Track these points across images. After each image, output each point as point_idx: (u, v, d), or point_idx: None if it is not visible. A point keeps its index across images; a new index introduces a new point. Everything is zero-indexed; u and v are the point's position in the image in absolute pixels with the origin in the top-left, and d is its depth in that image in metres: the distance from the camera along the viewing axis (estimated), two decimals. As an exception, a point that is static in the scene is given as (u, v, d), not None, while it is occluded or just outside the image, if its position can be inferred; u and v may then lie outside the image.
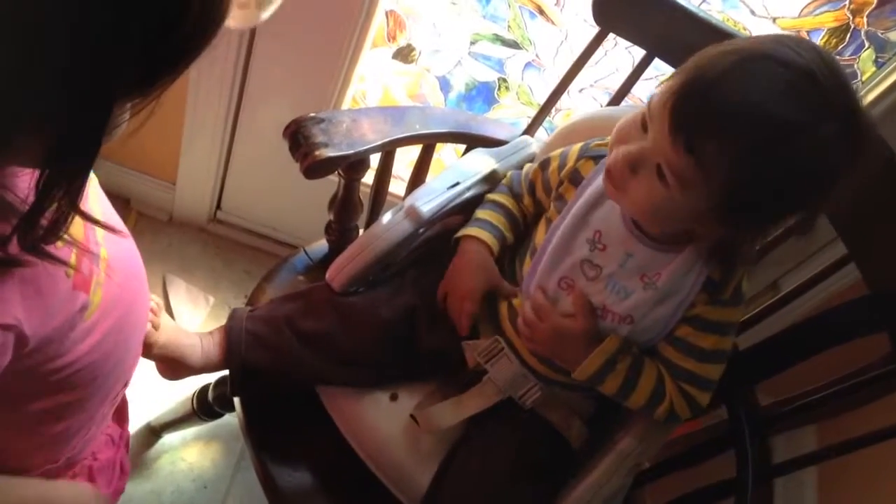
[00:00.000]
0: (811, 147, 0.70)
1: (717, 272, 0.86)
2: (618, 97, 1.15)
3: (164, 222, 1.75)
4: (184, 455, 1.46)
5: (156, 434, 1.45)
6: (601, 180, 0.86)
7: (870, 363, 0.92)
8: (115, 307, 0.72)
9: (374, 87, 1.58)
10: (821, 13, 1.31)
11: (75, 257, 0.64)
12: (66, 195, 0.51)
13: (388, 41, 1.50)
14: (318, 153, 0.96)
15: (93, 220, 0.59)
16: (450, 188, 1.05)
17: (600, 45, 1.09)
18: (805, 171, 0.71)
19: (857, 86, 1.32)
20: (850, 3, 1.28)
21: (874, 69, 1.32)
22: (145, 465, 1.42)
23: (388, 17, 1.46)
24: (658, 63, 1.08)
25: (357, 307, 1.00)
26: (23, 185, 0.53)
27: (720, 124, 0.70)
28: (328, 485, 1.00)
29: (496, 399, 0.95)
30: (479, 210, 1.02)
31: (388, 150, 1.12)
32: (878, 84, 1.25)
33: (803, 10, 1.31)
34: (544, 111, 1.17)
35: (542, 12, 1.42)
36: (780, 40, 0.73)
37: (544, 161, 1.00)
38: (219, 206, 1.72)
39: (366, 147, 1.01)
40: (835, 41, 1.33)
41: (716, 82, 0.71)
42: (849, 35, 1.32)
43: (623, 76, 1.13)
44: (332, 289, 1.01)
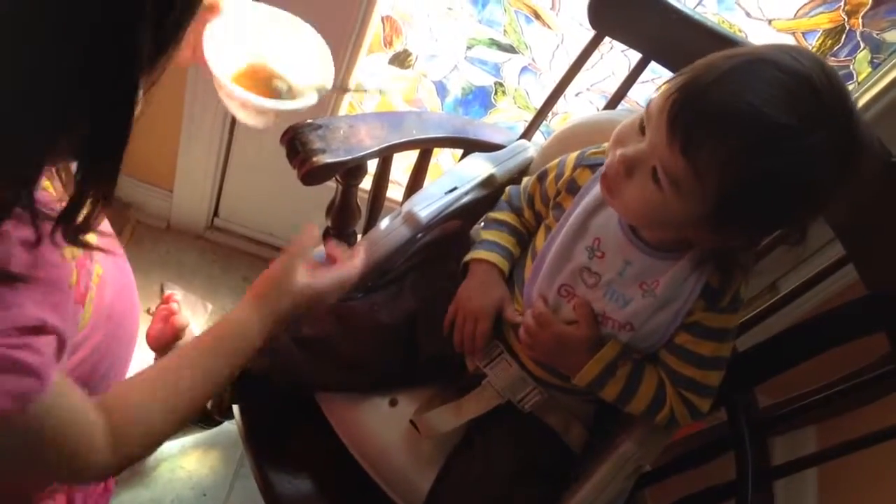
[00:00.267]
0: (806, 153, 0.69)
1: (716, 279, 0.86)
2: (614, 101, 1.15)
3: (161, 230, 1.75)
4: (183, 463, 1.45)
5: (155, 442, 1.45)
6: (599, 188, 0.87)
7: (869, 364, 0.92)
8: (104, 323, 0.73)
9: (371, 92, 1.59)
10: (816, 14, 1.31)
11: (76, 273, 0.64)
12: (103, 184, 0.53)
13: (385, 47, 1.51)
14: (315, 159, 0.96)
15: (92, 244, 0.60)
16: (447, 193, 1.06)
17: (596, 49, 1.10)
18: (798, 177, 0.71)
19: (852, 87, 1.33)
20: (846, 5, 1.28)
21: (870, 70, 1.32)
22: (144, 473, 1.42)
23: (384, 23, 1.46)
24: (654, 66, 1.08)
25: (356, 312, 1.00)
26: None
27: (715, 126, 0.70)
28: (328, 491, 1.00)
29: (496, 403, 0.95)
30: (484, 231, 1.02)
31: (385, 156, 1.12)
32: (873, 85, 1.25)
33: (798, 11, 1.31)
34: (541, 115, 1.18)
35: (538, 17, 1.43)
36: (780, 48, 0.73)
37: (541, 172, 1.00)
38: (216, 213, 1.72)
39: (363, 153, 1.01)
40: (830, 42, 1.33)
41: (713, 85, 0.71)
42: (844, 36, 1.32)
43: (619, 80, 1.13)
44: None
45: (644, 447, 0.93)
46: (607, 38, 1.09)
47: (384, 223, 1.04)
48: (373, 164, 1.11)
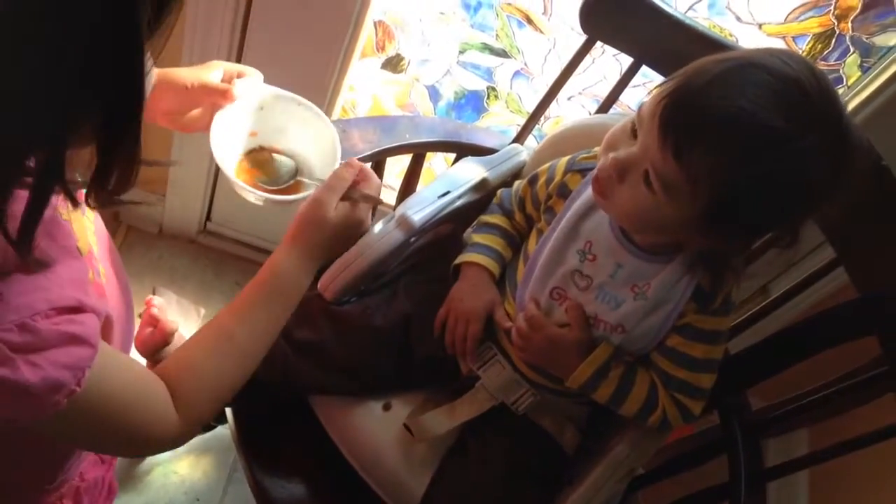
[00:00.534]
0: (797, 155, 0.70)
1: (707, 281, 0.86)
2: (606, 105, 1.15)
3: (153, 235, 1.75)
4: (176, 468, 1.45)
5: (148, 447, 1.45)
6: (590, 191, 0.87)
7: (861, 366, 0.92)
8: (112, 322, 0.73)
9: (364, 96, 1.59)
10: (806, 19, 1.32)
11: (91, 271, 0.65)
12: (128, 148, 0.54)
13: (378, 51, 1.51)
14: (308, 163, 0.96)
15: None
16: (440, 197, 1.06)
17: (588, 54, 1.10)
18: (789, 181, 0.71)
19: (842, 91, 1.33)
20: (835, 9, 1.29)
21: (859, 74, 1.33)
22: (137, 478, 1.41)
23: (376, 28, 1.46)
24: (646, 70, 1.09)
25: (350, 316, 1.00)
26: None
27: (707, 130, 0.71)
28: (321, 496, 1.00)
29: (489, 405, 0.95)
30: (475, 234, 1.02)
31: (378, 160, 1.12)
32: (863, 89, 1.25)
33: (788, 15, 1.32)
34: (533, 119, 1.18)
35: (530, 21, 1.43)
36: (770, 51, 0.73)
37: (532, 176, 1.01)
38: (209, 217, 1.72)
39: (356, 157, 1.01)
40: (820, 46, 1.34)
41: (704, 88, 0.71)
42: (834, 40, 1.33)
43: (611, 84, 1.13)
44: (325, 298, 1.01)
45: (637, 449, 0.93)
46: (599, 43, 1.10)
47: (377, 227, 1.04)
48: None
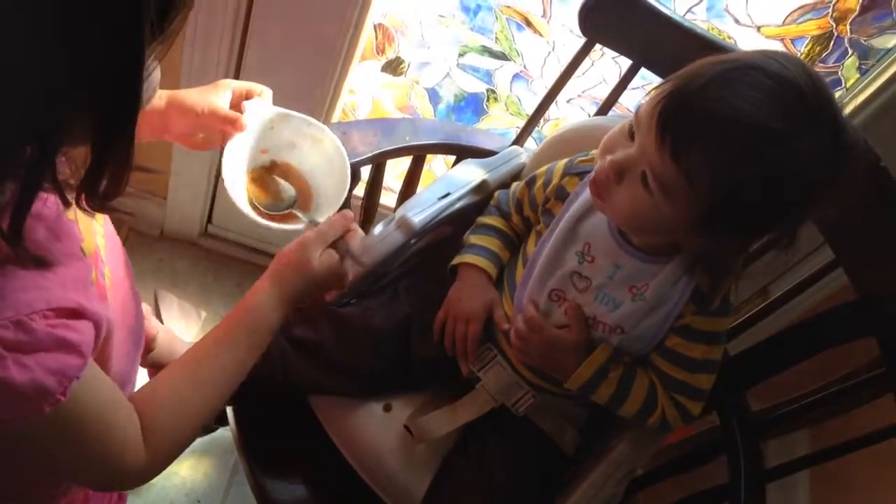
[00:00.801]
0: (793, 156, 0.70)
1: (705, 282, 0.86)
2: (605, 107, 1.16)
3: (155, 237, 1.75)
4: (177, 469, 1.45)
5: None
6: (588, 193, 0.87)
7: (857, 368, 0.92)
8: (112, 327, 0.73)
9: (364, 99, 1.59)
10: (804, 21, 1.32)
11: (94, 271, 0.65)
12: (122, 153, 0.54)
13: (377, 54, 1.51)
14: (308, 166, 0.97)
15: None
16: (440, 199, 1.06)
17: (587, 56, 1.10)
18: (786, 182, 0.72)
19: (841, 93, 1.34)
20: (834, 11, 1.29)
21: (858, 76, 1.34)
22: (139, 480, 1.41)
23: (376, 31, 1.47)
24: (644, 73, 1.09)
25: (351, 317, 1.00)
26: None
27: (704, 131, 0.71)
28: (322, 497, 1.00)
29: (489, 407, 0.96)
30: (473, 236, 1.03)
31: (378, 162, 1.12)
32: (861, 91, 1.26)
33: (787, 18, 1.32)
34: (533, 121, 1.18)
35: (529, 24, 1.43)
36: (767, 53, 0.73)
37: (530, 179, 1.01)
38: (210, 220, 1.72)
39: (356, 159, 1.01)
40: (818, 49, 1.34)
41: (701, 90, 0.71)
42: (832, 42, 1.33)
43: (610, 86, 1.14)
44: (325, 299, 1.01)
45: (636, 451, 0.93)
46: (598, 45, 1.10)
47: (377, 229, 1.04)
48: (366, 171, 1.11)
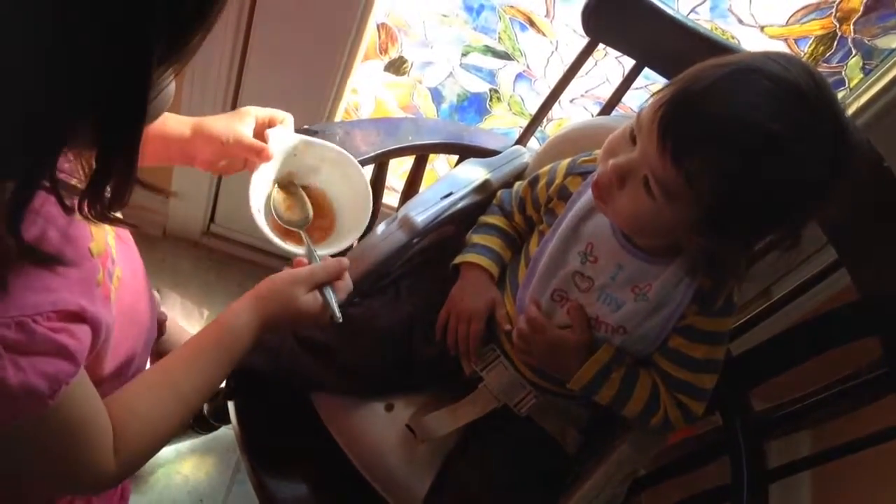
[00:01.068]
0: (796, 159, 0.70)
1: (708, 283, 0.86)
2: (608, 107, 1.15)
3: (157, 237, 1.75)
4: (179, 468, 1.45)
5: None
6: (591, 194, 0.87)
7: (860, 368, 0.92)
8: (125, 327, 0.73)
9: (367, 99, 1.59)
10: (808, 21, 1.32)
11: (102, 272, 0.65)
12: (124, 164, 0.53)
13: (380, 53, 1.51)
14: (311, 165, 0.97)
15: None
16: (443, 198, 1.06)
17: (590, 56, 1.10)
18: (789, 184, 0.71)
19: (844, 93, 1.33)
20: (837, 11, 1.29)
21: (861, 76, 1.33)
22: (141, 478, 1.41)
23: (379, 30, 1.47)
24: (648, 72, 1.09)
25: (354, 318, 1.00)
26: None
27: (706, 135, 0.71)
28: (324, 496, 1.00)
29: (491, 407, 0.96)
30: (475, 235, 1.03)
31: (381, 162, 1.12)
32: (865, 91, 1.26)
33: (790, 18, 1.32)
34: (536, 121, 1.18)
35: (532, 24, 1.43)
36: (769, 55, 0.73)
37: (533, 178, 1.01)
38: (212, 219, 1.72)
39: (359, 159, 1.01)
40: (822, 49, 1.34)
41: (703, 94, 0.71)
42: (836, 42, 1.33)
43: (613, 86, 1.14)
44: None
45: (638, 451, 0.93)
46: (601, 45, 1.10)
47: (380, 228, 1.04)
48: (368, 170, 1.11)
